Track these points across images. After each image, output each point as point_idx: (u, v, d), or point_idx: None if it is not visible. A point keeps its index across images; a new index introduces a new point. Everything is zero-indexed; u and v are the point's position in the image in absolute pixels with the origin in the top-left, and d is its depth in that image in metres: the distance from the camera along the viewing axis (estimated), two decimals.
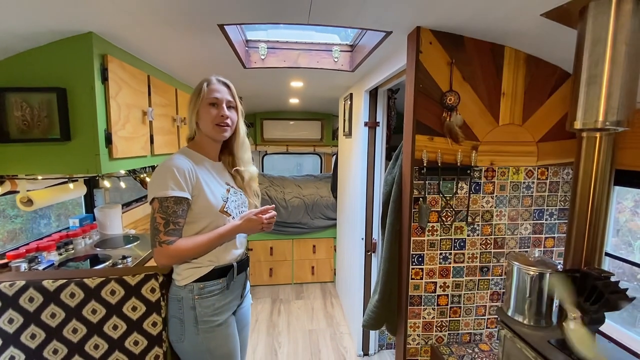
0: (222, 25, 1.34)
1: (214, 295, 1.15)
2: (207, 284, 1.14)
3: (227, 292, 1.18)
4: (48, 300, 1.18)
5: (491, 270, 1.51)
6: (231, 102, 1.18)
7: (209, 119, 1.14)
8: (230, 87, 1.20)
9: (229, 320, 1.20)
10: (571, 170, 1.50)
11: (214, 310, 1.15)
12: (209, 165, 1.20)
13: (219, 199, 1.15)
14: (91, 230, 1.84)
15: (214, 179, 1.18)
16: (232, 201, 1.20)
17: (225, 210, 1.16)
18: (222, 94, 1.16)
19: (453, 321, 1.52)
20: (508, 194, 1.48)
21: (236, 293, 1.23)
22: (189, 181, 1.08)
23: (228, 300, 1.19)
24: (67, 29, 1.18)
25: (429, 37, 1.33)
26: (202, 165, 1.17)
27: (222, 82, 1.19)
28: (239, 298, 1.27)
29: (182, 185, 1.06)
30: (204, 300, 1.14)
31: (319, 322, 2.98)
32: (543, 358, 1.01)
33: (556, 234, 1.54)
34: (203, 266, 1.14)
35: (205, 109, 1.14)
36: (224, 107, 1.15)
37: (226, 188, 1.21)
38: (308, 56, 2.09)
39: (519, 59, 1.39)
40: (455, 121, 1.37)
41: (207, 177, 1.15)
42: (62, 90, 1.21)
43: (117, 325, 1.23)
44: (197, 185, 1.10)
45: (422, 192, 1.42)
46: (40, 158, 1.24)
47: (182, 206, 1.07)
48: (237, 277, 1.21)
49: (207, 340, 1.14)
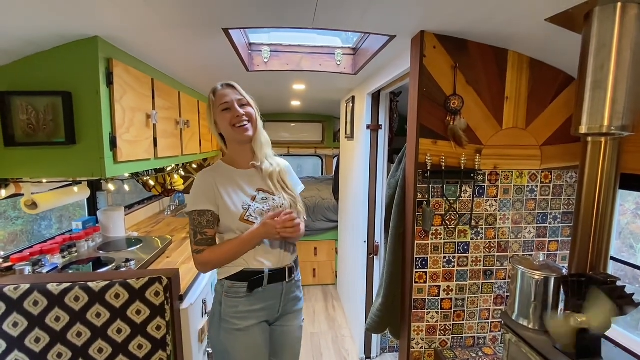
0: (227, 30, 1.34)
1: (239, 297, 1.15)
2: (235, 284, 1.16)
3: (252, 298, 1.15)
4: (52, 303, 1.18)
5: (495, 273, 1.51)
6: (241, 99, 1.19)
7: (226, 123, 1.17)
8: (235, 86, 1.21)
9: (253, 329, 1.15)
10: (575, 173, 1.50)
11: (236, 312, 1.14)
12: (236, 174, 1.21)
13: (239, 208, 1.15)
14: (94, 233, 1.84)
15: (239, 189, 1.19)
16: (257, 208, 1.17)
17: (246, 219, 1.15)
18: (230, 95, 1.18)
19: (457, 325, 1.52)
20: (512, 197, 1.48)
21: (268, 303, 1.18)
22: (209, 194, 1.14)
23: (255, 308, 1.16)
24: (73, 33, 1.19)
25: (433, 41, 1.33)
26: (228, 177, 1.20)
27: (226, 85, 1.21)
28: (275, 311, 1.20)
29: (204, 199, 1.14)
30: (229, 299, 1.16)
31: (320, 325, 2.97)
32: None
33: (560, 238, 1.54)
34: (234, 266, 1.16)
35: (220, 116, 1.18)
36: (236, 106, 1.17)
37: (252, 195, 1.19)
38: (311, 59, 2.09)
39: (522, 63, 1.39)
40: (459, 125, 1.37)
41: (230, 188, 1.17)
42: (68, 94, 1.21)
43: (121, 329, 1.23)
44: (219, 197, 1.15)
45: (425, 196, 1.42)
46: (45, 161, 1.24)
47: (207, 217, 1.14)
48: (269, 286, 1.17)
49: (227, 341, 1.14)
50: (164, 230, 2.41)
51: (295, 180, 1.34)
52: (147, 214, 2.81)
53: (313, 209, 3.54)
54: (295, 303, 1.27)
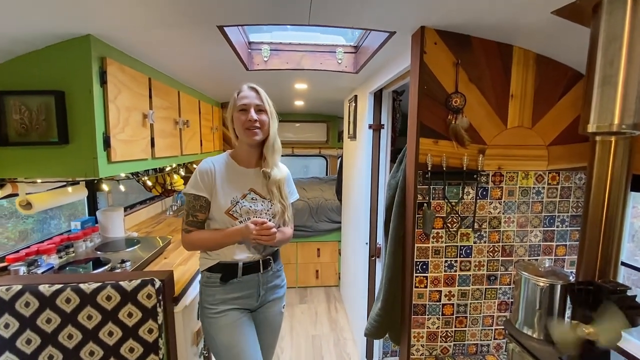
0: (222, 27, 1.31)
1: (216, 287, 1.26)
2: (211, 275, 1.27)
3: (227, 287, 1.25)
4: (44, 305, 1.17)
5: (499, 279, 1.45)
6: (260, 105, 1.26)
7: (240, 124, 1.24)
8: (259, 91, 1.28)
9: (229, 312, 1.25)
10: (584, 175, 1.44)
11: (214, 300, 1.25)
12: (234, 170, 1.30)
13: (227, 202, 1.24)
14: (93, 233, 1.83)
15: (234, 184, 1.27)
16: (244, 206, 1.26)
17: (231, 214, 1.25)
18: (250, 99, 1.25)
19: (459, 331, 1.47)
20: (517, 199, 1.42)
21: (245, 292, 1.28)
22: (206, 182, 1.24)
23: (231, 296, 1.26)
24: (65, 31, 1.17)
25: (434, 37, 1.28)
26: (228, 170, 1.28)
27: (251, 87, 1.28)
28: (254, 300, 1.31)
29: (200, 185, 1.23)
30: (207, 288, 1.27)
31: (322, 327, 2.93)
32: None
33: (568, 242, 1.47)
34: (210, 258, 1.28)
35: (236, 115, 1.25)
36: (252, 111, 1.23)
37: (244, 193, 1.28)
38: (312, 58, 2.06)
39: (528, 59, 1.33)
40: (461, 124, 1.32)
41: (225, 181, 1.26)
42: (61, 93, 1.20)
43: (112, 332, 1.21)
44: (214, 186, 1.24)
45: (426, 197, 1.37)
46: (38, 161, 1.23)
47: (200, 202, 1.24)
48: (244, 277, 1.27)
49: (209, 326, 1.25)
50: (164, 230, 2.40)
51: (292, 188, 1.42)
52: (149, 213, 2.81)
53: (316, 209, 3.50)
54: (275, 291, 1.37)
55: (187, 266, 1.71)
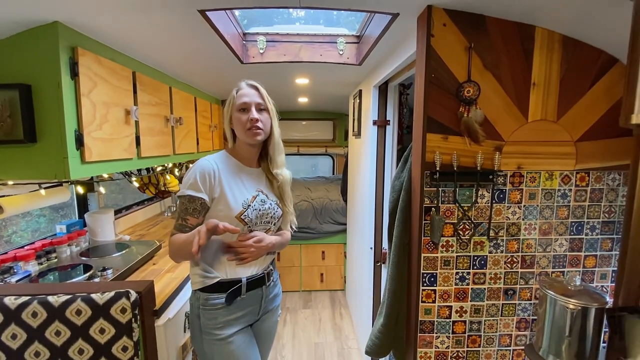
0: (204, 11, 1.18)
1: (217, 309, 1.14)
2: (210, 297, 1.14)
3: (231, 307, 1.15)
4: (9, 319, 1.07)
5: (518, 293, 1.28)
6: (261, 104, 1.19)
7: (240, 124, 1.17)
8: (260, 89, 1.21)
9: (235, 336, 1.16)
10: (618, 175, 1.25)
11: (216, 323, 1.14)
12: (240, 170, 1.22)
13: (239, 205, 1.15)
14: (79, 237, 1.74)
15: (241, 185, 1.19)
16: (255, 209, 1.18)
17: (242, 218, 1.16)
18: (251, 97, 1.18)
19: (471, 352, 1.30)
20: (539, 203, 1.24)
21: (248, 309, 1.20)
22: (207, 183, 1.12)
23: (235, 317, 1.16)
24: (31, 19, 1.06)
25: (443, 17, 1.12)
26: (232, 170, 1.19)
27: (251, 85, 1.21)
28: (255, 314, 1.24)
29: (199, 186, 1.11)
30: (207, 312, 1.14)
31: (326, 334, 2.79)
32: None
33: (599, 252, 1.28)
34: (209, 277, 1.14)
35: (236, 114, 1.18)
36: (253, 110, 1.16)
37: (253, 195, 1.20)
38: (311, 49, 1.91)
39: (553, 41, 1.15)
40: (474, 117, 1.15)
41: (232, 182, 1.17)
42: (26, 87, 1.10)
43: (83, 349, 1.10)
44: (220, 188, 1.13)
45: (434, 201, 1.21)
46: (3, 162, 1.13)
47: (195, 205, 1.11)
48: (248, 293, 1.18)
49: (212, 352, 1.15)
50: (159, 233, 2.30)
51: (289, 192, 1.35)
52: (146, 215, 2.72)
53: (320, 210, 3.36)
54: (274, 300, 1.32)
55: (174, 274, 1.60)
